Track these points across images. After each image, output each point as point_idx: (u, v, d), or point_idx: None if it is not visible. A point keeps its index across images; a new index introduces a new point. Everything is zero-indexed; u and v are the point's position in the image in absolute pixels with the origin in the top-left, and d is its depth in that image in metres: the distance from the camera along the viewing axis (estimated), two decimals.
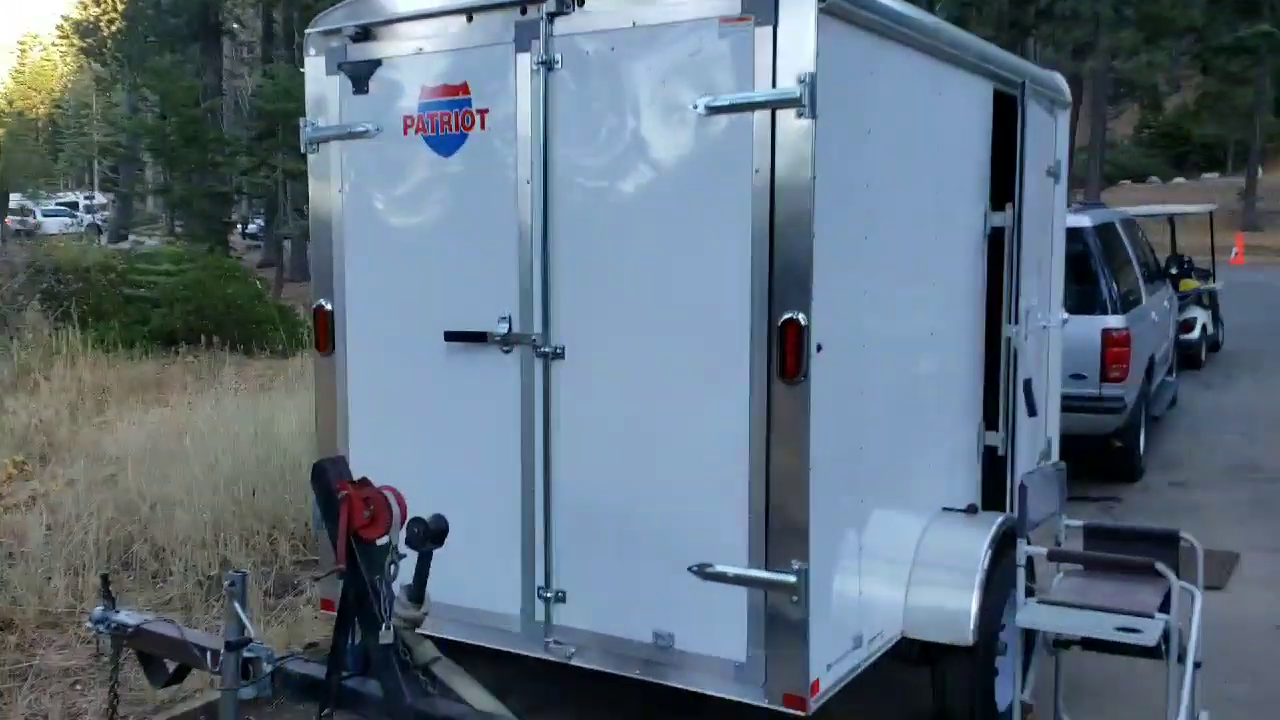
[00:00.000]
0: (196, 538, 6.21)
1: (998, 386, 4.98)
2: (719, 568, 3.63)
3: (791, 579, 3.51)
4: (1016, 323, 4.94)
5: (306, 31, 4.40)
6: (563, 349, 3.90)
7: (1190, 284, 14.04)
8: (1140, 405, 8.86)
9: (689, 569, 3.66)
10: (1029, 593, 4.20)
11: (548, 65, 3.82)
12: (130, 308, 15.30)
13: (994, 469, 5.04)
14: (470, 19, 3.99)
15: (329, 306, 4.43)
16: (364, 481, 3.37)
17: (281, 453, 7.32)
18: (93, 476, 7.49)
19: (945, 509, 4.52)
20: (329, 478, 3.46)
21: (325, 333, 4.46)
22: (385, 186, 4.26)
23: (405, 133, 4.17)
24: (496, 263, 4.00)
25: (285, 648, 5.03)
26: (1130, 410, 8.44)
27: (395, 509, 3.27)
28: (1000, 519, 4.37)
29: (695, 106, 3.56)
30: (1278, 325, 17.70)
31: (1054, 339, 5.98)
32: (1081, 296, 7.99)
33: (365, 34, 4.21)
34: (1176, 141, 56.85)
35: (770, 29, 3.41)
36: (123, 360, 13.19)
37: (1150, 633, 3.75)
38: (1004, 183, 4.95)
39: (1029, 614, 3.96)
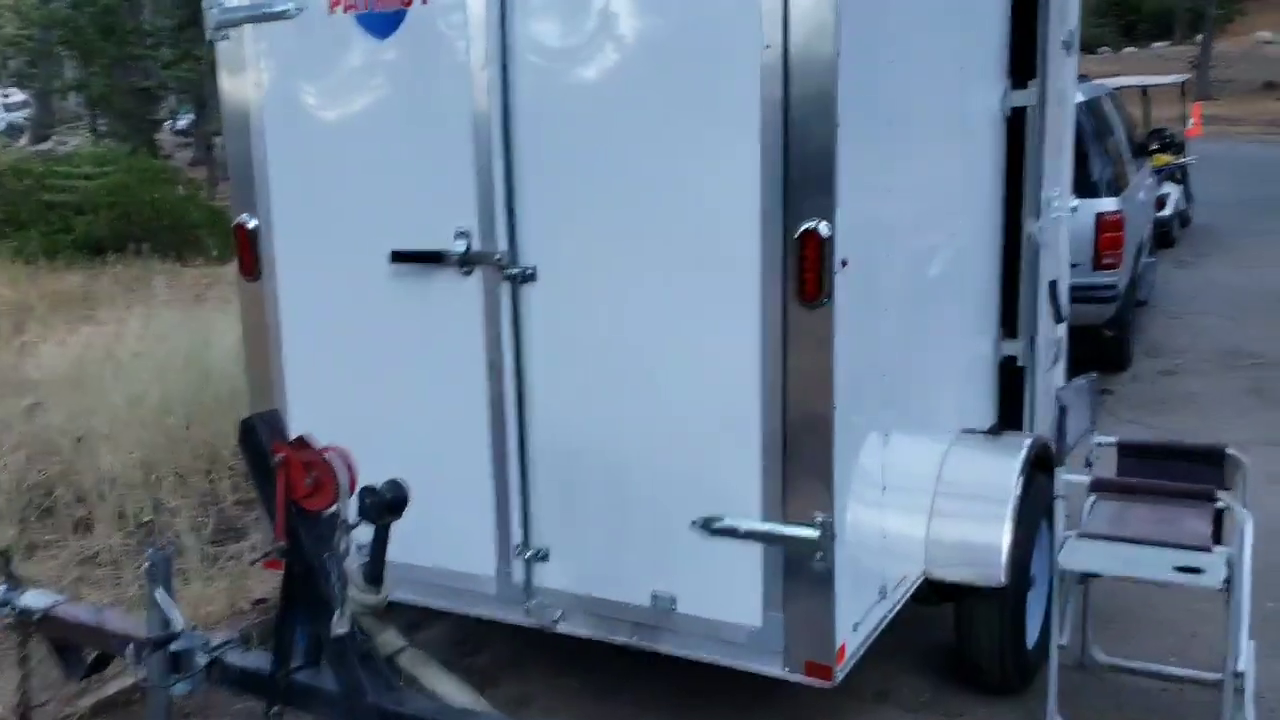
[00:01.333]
0: (126, 479, 5.60)
1: (1016, 287, 4.45)
2: (728, 521, 3.10)
3: (814, 534, 2.99)
4: (1039, 216, 4.39)
5: None
6: (534, 270, 3.29)
7: (1163, 159, 13.55)
8: (1130, 291, 8.43)
9: (692, 524, 3.14)
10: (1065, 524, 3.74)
11: None
12: (51, 215, 14.32)
13: (1011, 381, 4.54)
14: None
15: (252, 223, 3.78)
16: (303, 441, 2.79)
17: (218, 377, 6.67)
18: (10, 410, 6.81)
19: (965, 431, 4.02)
20: (261, 437, 2.87)
21: (249, 254, 3.81)
22: (310, 77, 3.58)
23: (331, 10, 3.47)
24: (449, 167, 3.36)
25: (230, 607, 4.49)
26: (1122, 297, 8.00)
27: (343, 475, 2.70)
28: (1029, 442, 3.88)
29: None
30: (1242, 198, 17.33)
31: (1064, 228, 5.45)
32: (1073, 179, 7.45)
33: None
34: (1126, 9, 55.98)
35: None
36: (45, 273, 12.33)
37: (1214, 572, 3.31)
38: (1022, 56, 4.35)
39: (1076, 553, 3.49)
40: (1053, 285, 4.59)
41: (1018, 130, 4.36)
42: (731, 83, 2.90)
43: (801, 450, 2.98)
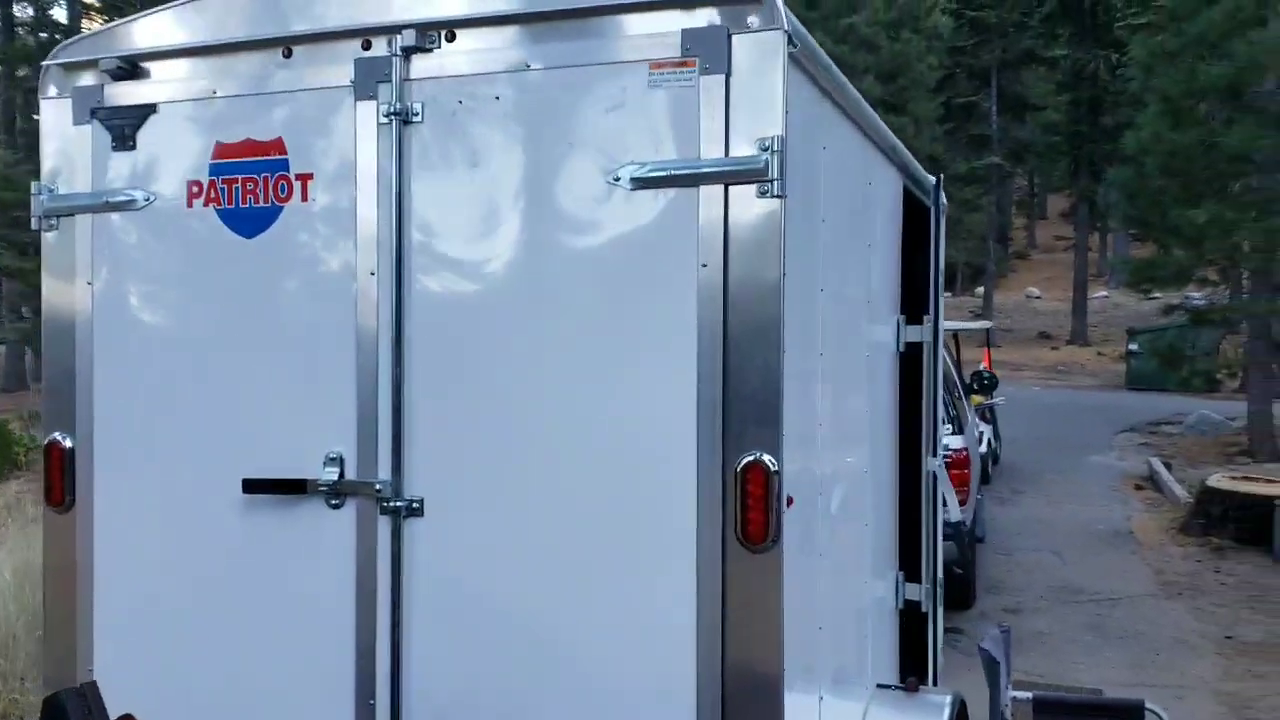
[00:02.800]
0: None
1: (915, 528, 4.21)
2: None
3: None
4: (936, 454, 4.20)
5: (45, 64, 3.20)
6: (421, 502, 2.81)
7: (977, 399, 14.09)
8: (973, 528, 8.42)
9: None
10: None
11: (402, 118, 2.80)
12: None
13: (913, 627, 4.23)
14: (288, 54, 2.93)
15: (67, 443, 3.17)
16: None
17: None
18: None
19: (880, 685, 3.64)
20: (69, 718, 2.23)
21: (60, 479, 3.17)
22: (155, 278, 3.08)
23: (189, 204, 3.03)
24: (322, 385, 2.89)
25: None
26: (969, 534, 7.96)
27: None
28: (949, 699, 3.53)
29: (615, 179, 2.63)
30: (1038, 437, 18.19)
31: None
32: None
33: (131, 70, 3.07)
34: None
35: (722, 78, 2.54)
36: None
37: None
38: (910, 292, 4.26)
39: None
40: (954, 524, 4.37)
41: (908, 367, 4.22)
42: (664, 302, 2.60)
43: (743, 714, 2.54)
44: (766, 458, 2.51)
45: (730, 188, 2.54)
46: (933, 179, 5.38)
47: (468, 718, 2.76)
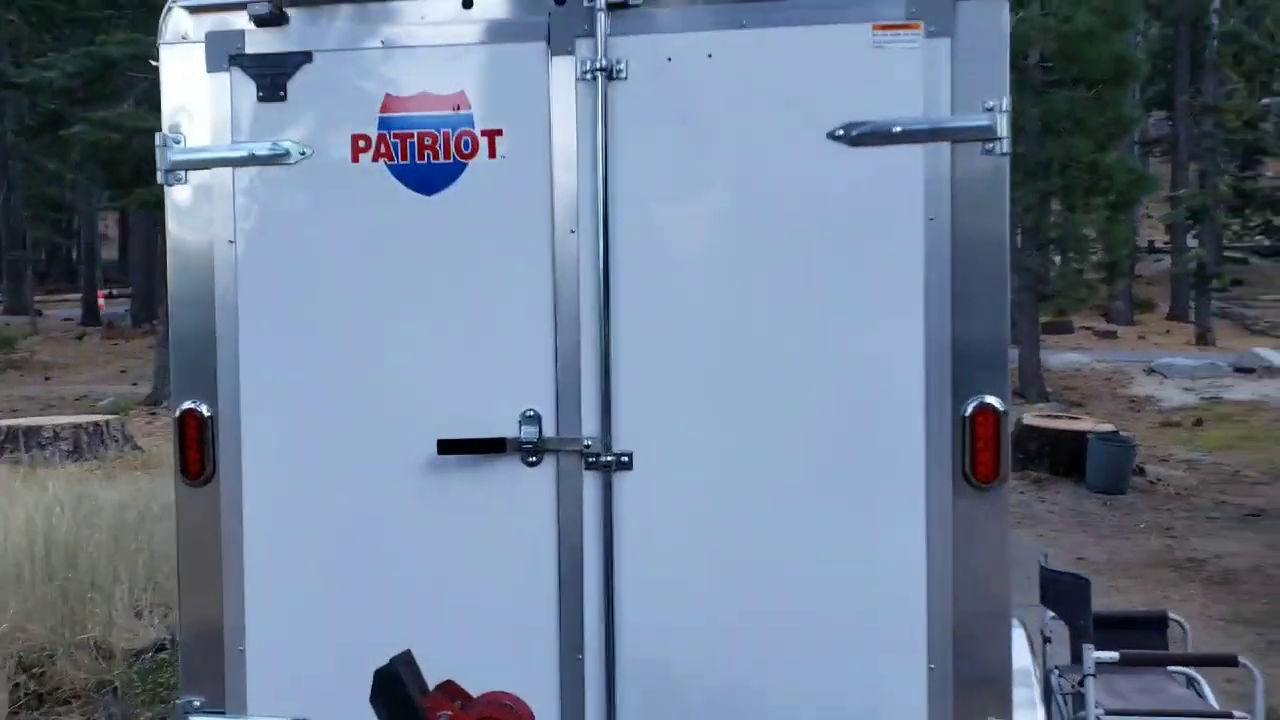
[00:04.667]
0: None
1: None
2: None
3: None
4: None
5: (170, 8, 2.96)
6: (630, 456, 2.84)
7: None
8: None
9: None
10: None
11: (607, 73, 2.79)
12: None
13: None
14: (468, 4, 2.85)
15: (205, 410, 2.97)
16: (453, 690, 2.15)
17: None
18: None
19: None
20: (407, 690, 2.17)
21: (197, 449, 2.98)
22: (316, 236, 2.94)
23: (354, 159, 2.90)
24: (514, 342, 2.86)
25: None
26: None
27: None
28: None
29: (836, 135, 2.72)
30: None
31: None
32: None
33: (278, 16, 2.90)
34: None
35: (948, 41, 2.68)
36: None
37: None
38: None
39: None
40: None
41: None
42: (889, 255, 2.73)
43: (975, 653, 2.73)
44: (994, 400, 2.70)
45: (956, 145, 2.69)
46: None
47: (685, 668, 2.82)
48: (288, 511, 2.97)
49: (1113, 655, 3.67)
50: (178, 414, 2.98)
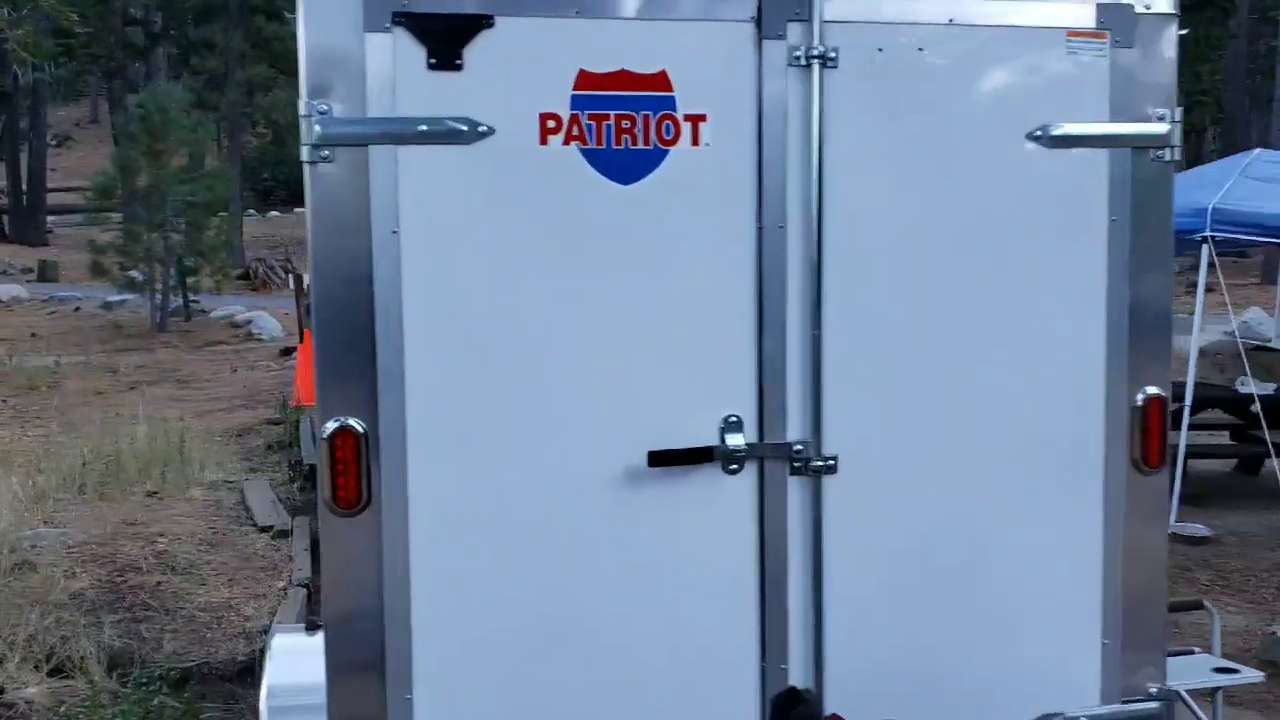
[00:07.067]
0: None
1: None
2: (1069, 715, 2.90)
3: (1156, 706, 2.95)
4: None
5: None
6: (835, 460, 2.77)
7: None
8: None
9: None
10: None
11: (822, 60, 2.67)
12: None
13: None
14: None
15: (360, 427, 2.55)
16: None
17: None
18: None
19: None
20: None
21: (354, 474, 2.55)
22: (495, 230, 2.59)
23: (543, 141, 2.59)
24: (714, 344, 2.70)
25: None
26: None
27: None
28: None
29: (1035, 136, 2.80)
30: None
31: None
32: None
33: None
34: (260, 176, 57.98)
35: (1131, 51, 2.83)
36: None
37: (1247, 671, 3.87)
38: None
39: None
40: None
41: None
42: (1073, 252, 2.85)
43: (1139, 628, 2.94)
44: (1160, 390, 2.91)
45: (1134, 151, 2.85)
46: None
47: (891, 672, 2.82)
48: (462, 542, 2.62)
49: None
50: (327, 434, 2.53)
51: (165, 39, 36.83)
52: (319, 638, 3.39)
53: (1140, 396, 2.89)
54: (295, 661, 3.46)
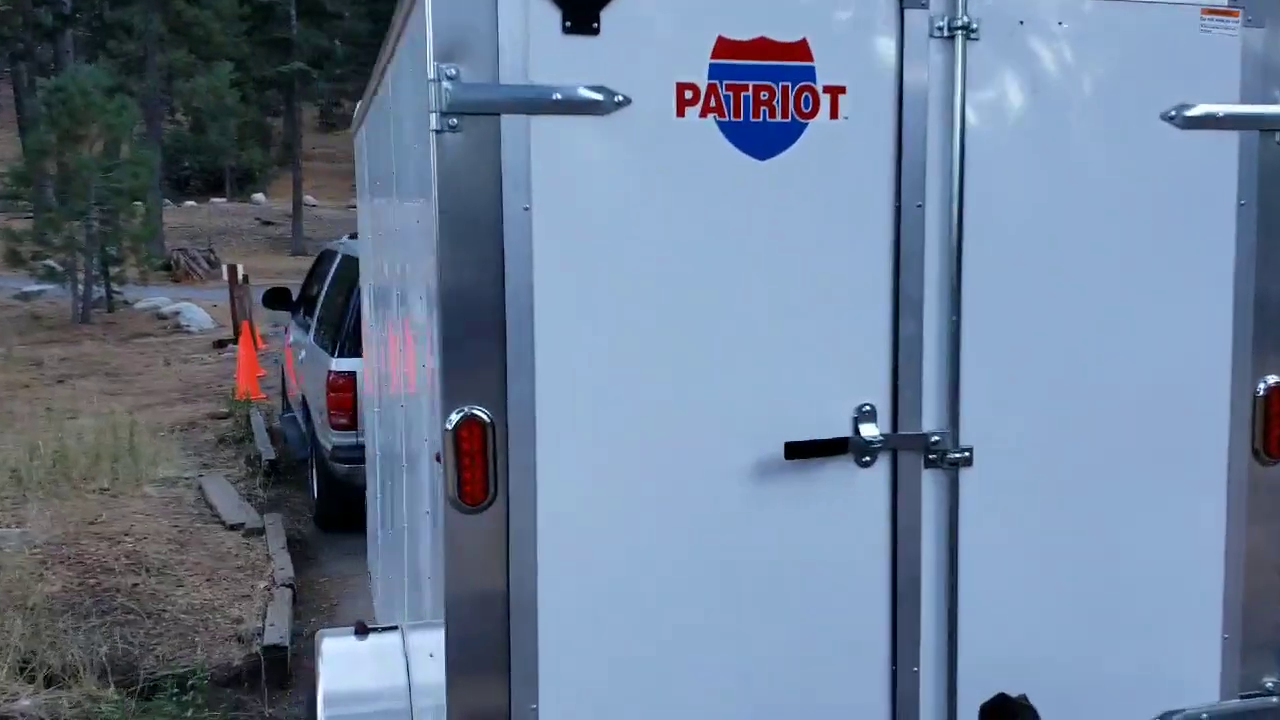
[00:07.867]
0: None
1: None
2: (1189, 711, 2.83)
3: (1274, 701, 2.90)
4: None
5: None
6: (970, 451, 2.65)
7: None
8: None
9: None
10: None
11: (965, 31, 2.55)
12: None
13: None
14: None
15: (486, 417, 2.36)
16: None
17: None
18: None
19: None
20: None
21: (481, 467, 2.36)
22: (631, 206, 2.41)
23: (679, 112, 2.42)
24: (848, 329, 2.56)
25: None
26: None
27: None
28: None
29: (1170, 116, 2.71)
30: None
31: None
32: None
33: None
34: (176, 166, 56.44)
35: (1262, 32, 2.76)
36: None
37: None
38: None
39: None
40: None
41: None
42: (1202, 237, 2.77)
43: (1257, 621, 2.88)
44: (1278, 379, 2.85)
45: (1263, 134, 2.78)
46: None
47: (1022, 671, 2.71)
48: (594, 540, 2.44)
49: None
50: (451, 425, 2.34)
51: (75, 22, 35.55)
52: (370, 642, 3.29)
53: (1262, 386, 2.83)
54: (349, 667, 3.31)
